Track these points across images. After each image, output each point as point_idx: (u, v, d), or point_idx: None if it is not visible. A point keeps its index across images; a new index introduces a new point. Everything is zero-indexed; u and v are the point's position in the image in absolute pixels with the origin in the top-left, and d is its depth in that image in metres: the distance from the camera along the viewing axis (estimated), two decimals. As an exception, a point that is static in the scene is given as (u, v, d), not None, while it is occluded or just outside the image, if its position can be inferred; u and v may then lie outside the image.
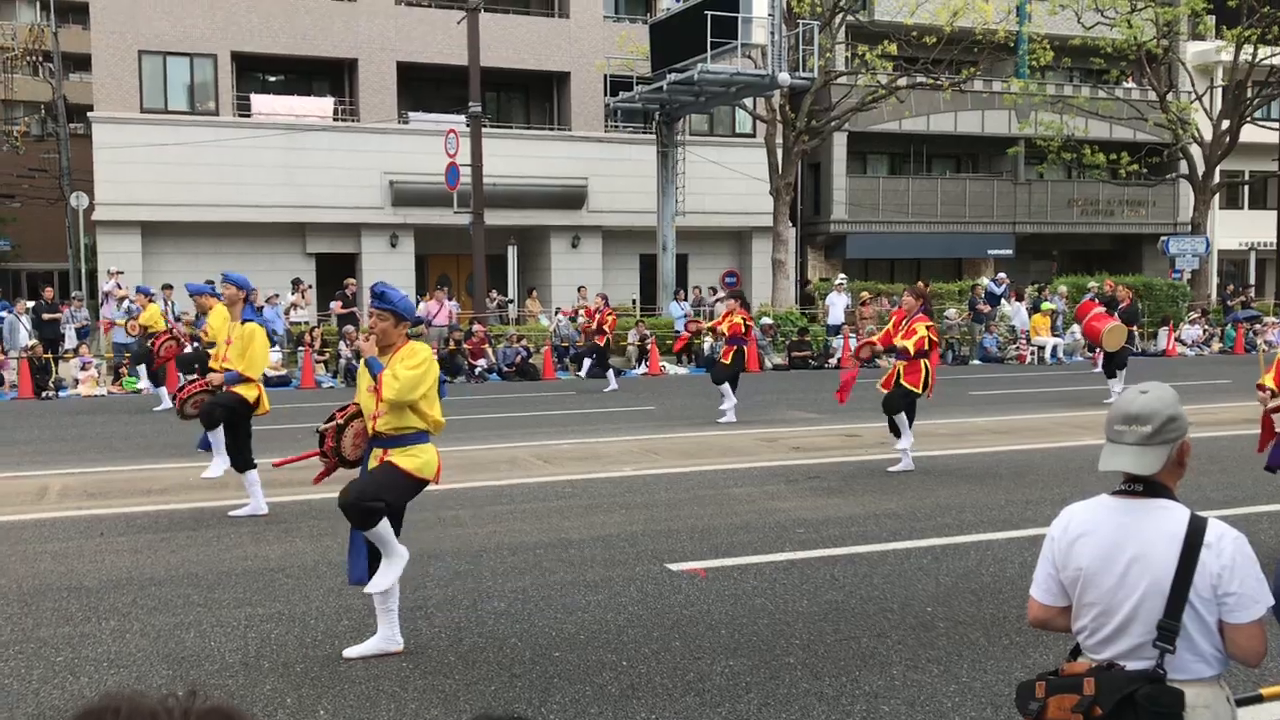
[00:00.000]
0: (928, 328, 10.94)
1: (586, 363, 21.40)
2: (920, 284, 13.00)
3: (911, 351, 10.79)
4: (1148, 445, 2.82)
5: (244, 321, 9.09)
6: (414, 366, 5.59)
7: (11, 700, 5.10)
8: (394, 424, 5.68)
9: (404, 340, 5.76)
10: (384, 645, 5.65)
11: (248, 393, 9.02)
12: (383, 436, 5.72)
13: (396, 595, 5.73)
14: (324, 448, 5.93)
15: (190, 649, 5.77)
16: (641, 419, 15.57)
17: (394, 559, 5.71)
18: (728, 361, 14.95)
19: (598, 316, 20.68)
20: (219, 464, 9.21)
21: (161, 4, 27.41)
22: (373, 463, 5.74)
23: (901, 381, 10.88)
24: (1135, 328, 19.17)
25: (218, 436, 9.10)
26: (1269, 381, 7.65)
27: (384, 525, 5.63)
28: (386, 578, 5.67)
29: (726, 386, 14.97)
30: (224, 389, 9.02)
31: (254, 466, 9.03)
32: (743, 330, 14.99)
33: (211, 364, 9.73)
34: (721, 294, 27.40)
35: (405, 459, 5.68)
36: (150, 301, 17.78)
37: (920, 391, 10.91)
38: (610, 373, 20.28)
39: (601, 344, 20.65)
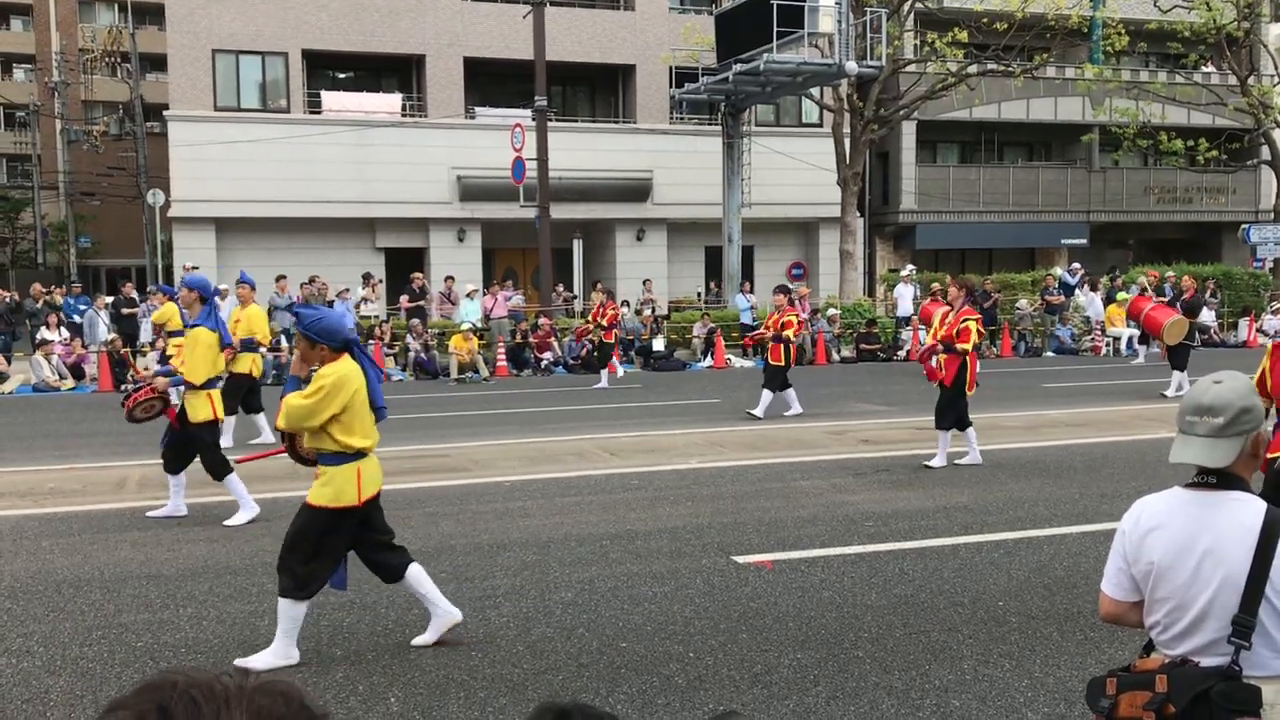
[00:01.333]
0: (976, 321, 10.80)
1: (605, 373, 19.48)
2: (968, 276, 12.88)
3: (969, 349, 10.69)
4: (1220, 437, 2.76)
5: (192, 326, 8.70)
6: (308, 395, 5.35)
7: (96, 684, 5.25)
8: (313, 443, 5.53)
9: (330, 359, 5.46)
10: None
11: (196, 411, 8.56)
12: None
13: (428, 585, 5.70)
14: (285, 445, 5.93)
15: (264, 636, 5.88)
16: (707, 412, 15.56)
17: (278, 648, 5.46)
18: (779, 362, 14.62)
19: (607, 312, 19.37)
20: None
21: (234, 4, 27.90)
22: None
23: (942, 383, 10.80)
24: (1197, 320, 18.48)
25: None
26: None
27: (293, 610, 5.46)
28: (263, 660, 5.42)
29: (766, 393, 14.60)
30: (168, 391, 8.79)
31: (228, 473, 8.63)
32: (794, 326, 14.70)
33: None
34: (790, 286, 27.31)
35: (317, 491, 5.46)
36: (170, 300, 15.66)
37: (965, 390, 10.74)
38: (604, 371, 19.29)
39: (609, 340, 19.43)
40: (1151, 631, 2.88)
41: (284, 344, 21.17)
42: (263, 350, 13.90)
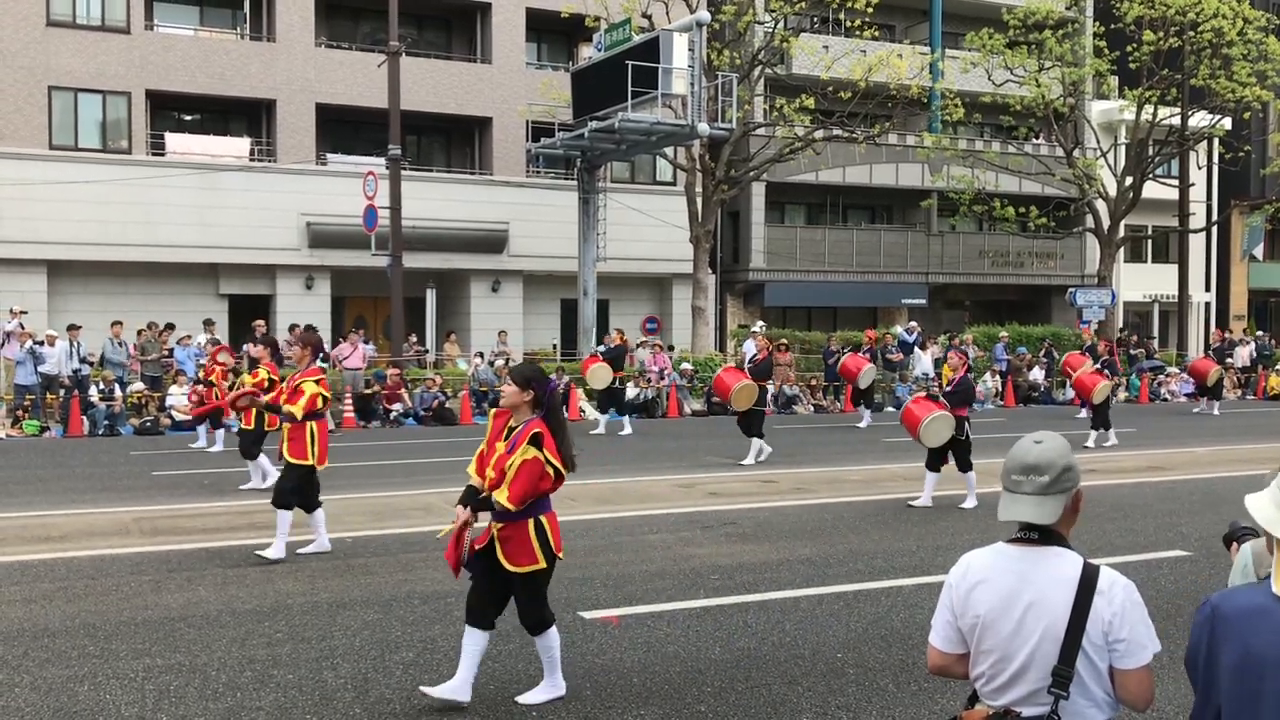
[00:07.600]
0: (317, 383, 9.07)
1: (219, 435, 16.95)
2: (310, 330, 9.96)
3: (299, 416, 8.89)
4: (1046, 495, 2.86)
5: None
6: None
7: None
8: None
9: None
10: None
11: None
12: None
13: None
14: None
15: (83, 703, 5.56)
16: (559, 465, 15.47)
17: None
18: (250, 427, 12.46)
19: (215, 367, 16.09)
20: None
21: (74, 40, 26.92)
22: None
23: (287, 458, 9.00)
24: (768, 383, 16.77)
25: None
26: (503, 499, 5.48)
27: None
28: None
29: (263, 460, 12.60)
30: None
31: None
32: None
33: None
34: (644, 339, 27.50)
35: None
36: None
37: (310, 462, 8.98)
38: (204, 427, 17.14)
39: (213, 404, 15.60)
40: (976, 683, 2.96)
41: (118, 392, 20.30)
42: None
